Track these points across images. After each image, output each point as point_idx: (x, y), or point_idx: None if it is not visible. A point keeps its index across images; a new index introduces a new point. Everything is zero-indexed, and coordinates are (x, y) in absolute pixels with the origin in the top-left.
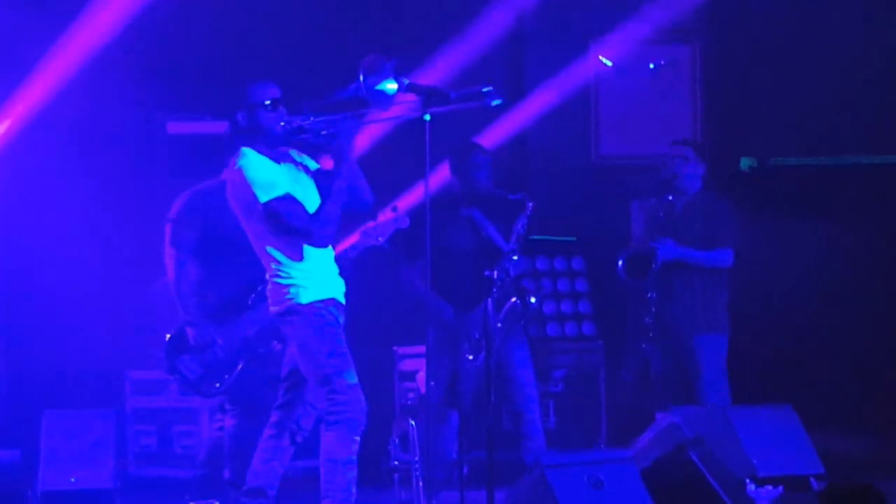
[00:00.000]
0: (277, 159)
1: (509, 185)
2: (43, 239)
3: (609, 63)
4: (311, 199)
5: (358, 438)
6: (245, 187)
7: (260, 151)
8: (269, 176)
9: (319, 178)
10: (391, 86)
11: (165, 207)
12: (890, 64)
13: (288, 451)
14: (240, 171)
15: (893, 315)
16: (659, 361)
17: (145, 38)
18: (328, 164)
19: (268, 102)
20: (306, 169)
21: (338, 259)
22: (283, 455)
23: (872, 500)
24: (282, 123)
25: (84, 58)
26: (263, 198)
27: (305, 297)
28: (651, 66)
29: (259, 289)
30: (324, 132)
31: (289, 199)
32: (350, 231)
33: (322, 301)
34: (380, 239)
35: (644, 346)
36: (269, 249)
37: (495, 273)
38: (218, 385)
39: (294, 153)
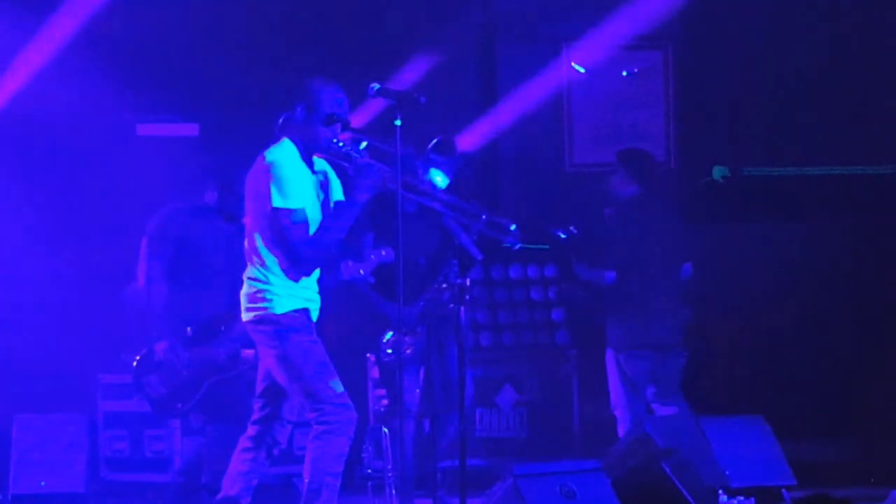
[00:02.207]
0: (310, 166)
1: (482, 194)
2: (13, 243)
3: (582, 70)
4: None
5: (347, 446)
6: (266, 181)
7: (298, 149)
8: (293, 183)
9: (329, 209)
10: (439, 179)
11: (136, 211)
12: (861, 75)
13: (263, 464)
14: (270, 164)
15: (863, 323)
16: None
17: (114, 39)
18: None
19: (330, 115)
20: (328, 195)
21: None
22: (258, 468)
23: None
24: (334, 140)
25: (52, 59)
26: (277, 202)
27: (280, 308)
28: (624, 73)
29: (232, 314)
30: (363, 164)
31: (298, 216)
32: None
33: (297, 311)
34: (361, 272)
35: None
36: (260, 245)
37: (468, 281)
38: (179, 406)
39: (331, 173)
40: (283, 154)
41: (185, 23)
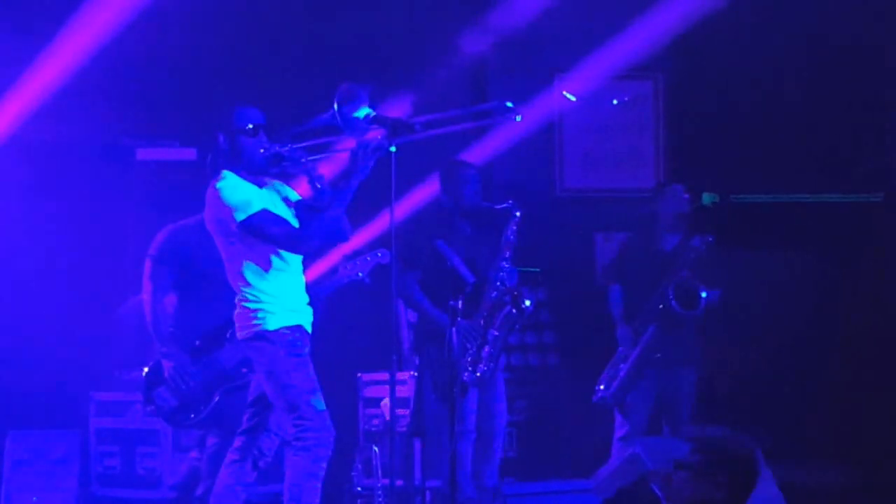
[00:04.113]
0: (259, 184)
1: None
2: (8, 260)
3: (573, 98)
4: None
5: (324, 465)
6: (221, 208)
7: (240, 176)
8: (245, 196)
9: (299, 208)
10: (366, 113)
11: (133, 233)
12: (849, 104)
13: (250, 475)
14: (217, 192)
15: (853, 348)
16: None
17: (115, 64)
18: (304, 190)
19: (249, 127)
20: (286, 199)
21: (315, 293)
22: (244, 480)
23: None
24: (262, 150)
25: (53, 84)
26: (240, 216)
27: (273, 324)
28: (615, 101)
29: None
30: (304, 160)
31: (266, 213)
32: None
33: (289, 328)
34: (360, 274)
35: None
36: (241, 270)
37: (460, 303)
38: (192, 416)
39: (276, 184)
40: (226, 179)
41: (183, 48)
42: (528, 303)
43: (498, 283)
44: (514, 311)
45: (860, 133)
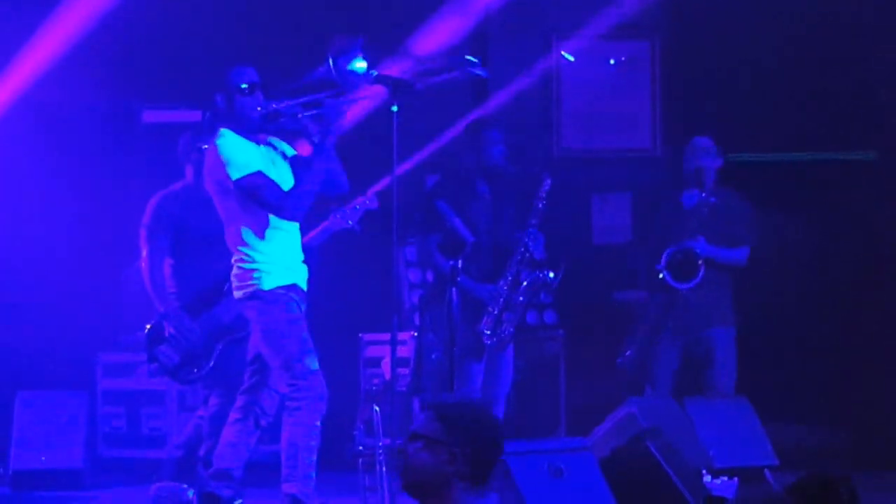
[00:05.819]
0: (256, 142)
1: None
2: (15, 223)
3: (571, 58)
4: (285, 183)
5: (318, 424)
6: (218, 165)
7: (238, 134)
8: (242, 154)
9: (295, 163)
10: (360, 64)
11: (139, 195)
12: (849, 61)
13: (253, 434)
14: (215, 149)
15: (850, 309)
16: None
17: (121, 25)
18: (305, 150)
19: (244, 86)
20: (283, 155)
21: (308, 244)
22: (247, 438)
23: (845, 494)
24: (258, 108)
25: (60, 46)
26: (235, 175)
27: (268, 283)
28: (612, 61)
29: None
30: (300, 115)
31: (260, 175)
32: (321, 217)
33: (284, 287)
34: (350, 222)
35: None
36: (238, 231)
37: (459, 262)
38: (196, 371)
39: (273, 140)
40: (224, 137)
41: (190, 9)
42: (552, 275)
43: (522, 249)
44: (540, 276)
45: (855, 92)
